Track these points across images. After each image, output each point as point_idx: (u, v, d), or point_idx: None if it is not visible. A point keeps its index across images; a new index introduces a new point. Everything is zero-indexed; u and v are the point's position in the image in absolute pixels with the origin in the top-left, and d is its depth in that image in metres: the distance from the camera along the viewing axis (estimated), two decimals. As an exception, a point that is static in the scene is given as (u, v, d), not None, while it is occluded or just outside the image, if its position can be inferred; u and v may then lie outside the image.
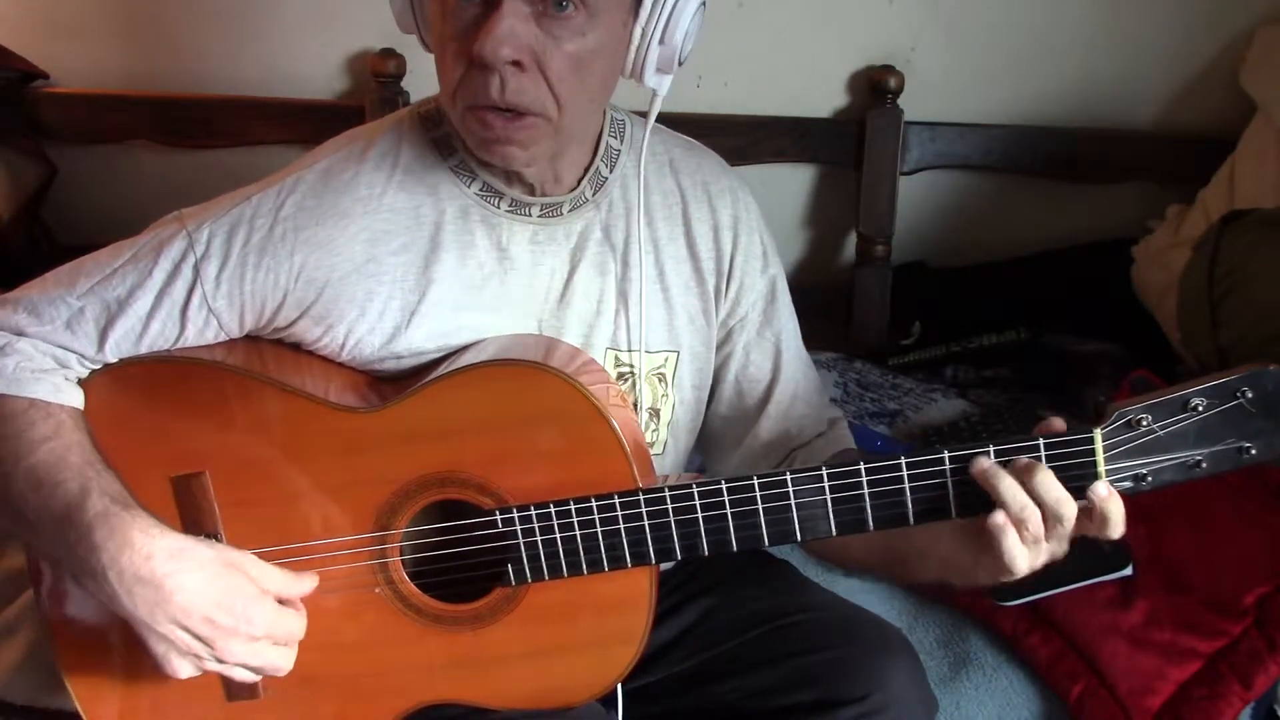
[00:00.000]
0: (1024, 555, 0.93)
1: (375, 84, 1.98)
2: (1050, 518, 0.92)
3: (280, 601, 0.98)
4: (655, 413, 1.14)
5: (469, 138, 1.01)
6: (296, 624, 0.99)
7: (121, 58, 2.11)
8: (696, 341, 1.15)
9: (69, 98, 2.10)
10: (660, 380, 1.13)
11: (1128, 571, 1.38)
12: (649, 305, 1.11)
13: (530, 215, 1.07)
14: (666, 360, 1.13)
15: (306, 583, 1.00)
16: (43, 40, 2.10)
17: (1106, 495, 0.91)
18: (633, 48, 1.00)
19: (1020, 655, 1.36)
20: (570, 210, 1.08)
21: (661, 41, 0.99)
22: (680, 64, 1.02)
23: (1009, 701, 1.33)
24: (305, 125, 2.06)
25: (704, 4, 1.01)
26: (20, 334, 1.01)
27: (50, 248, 2.17)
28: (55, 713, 1.25)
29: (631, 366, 1.11)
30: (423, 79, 1.95)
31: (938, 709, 1.15)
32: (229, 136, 2.07)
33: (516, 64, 0.94)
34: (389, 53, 1.96)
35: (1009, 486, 0.91)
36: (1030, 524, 0.91)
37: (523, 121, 0.96)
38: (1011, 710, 1.33)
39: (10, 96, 2.07)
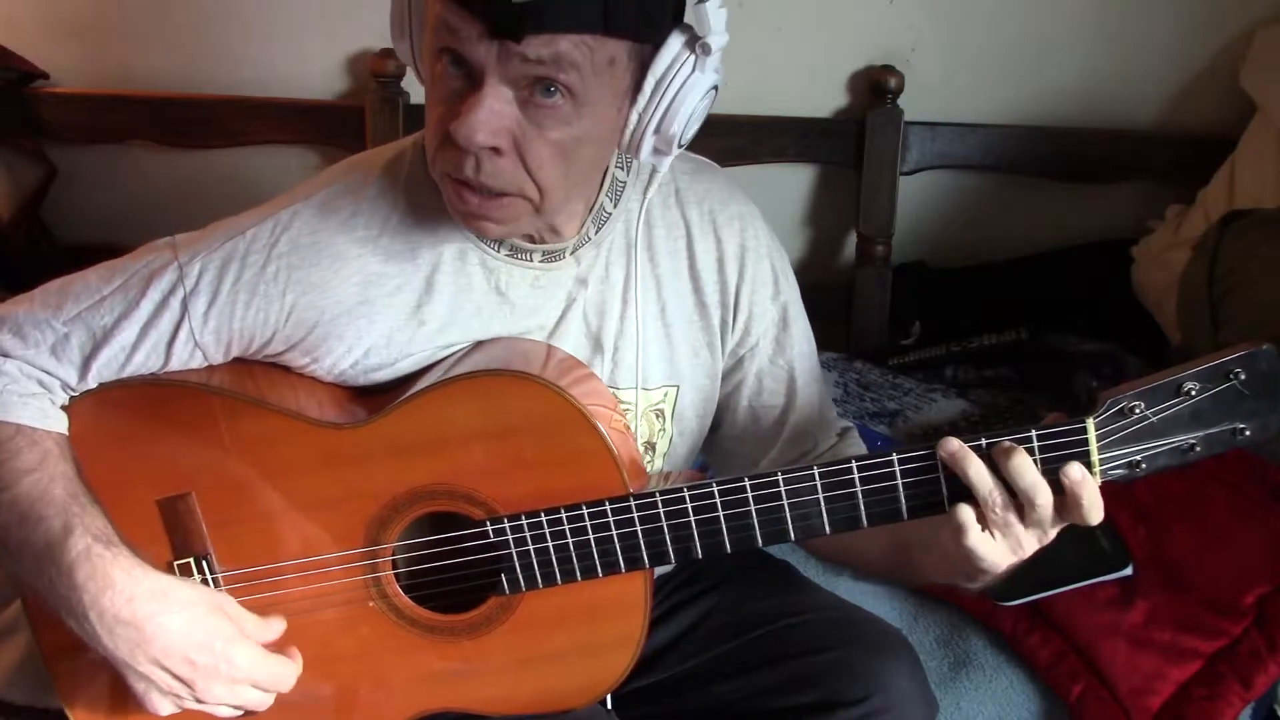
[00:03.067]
0: (992, 548, 0.91)
1: (375, 84, 1.99)
2: (1024, 503, 0.90)
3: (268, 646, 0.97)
4: (650, 446, 1.12)
5: (448, 204, 0.97)
6: (284, 670, 0.97)
7: (121, 58, 2.11)
8: (699, 374, 1.13)
9: (69, 98, 2.11)
10: (658, 416, 1.11)
11: (1128, 571, 1.38)
12: (649, 340, 1.09)
13: (531, 261, 1.04)
14: (665, 395, 1.11)
15: (274, 627, 0.99)
16: (43, 40, 2.10)
17: (1080, 479, 0.89)
18: (628, 131, 0.93)
19: (1020, 655, 1.36)
20: (573, 253, 1.05)
21: (658, 131, 0.93)
22: (681, 147, 0.96)
23: (1009, 701, 1.33)
24: (305, 125, 2.07)
25: (716, 89, 0.94)
26: (5, 355, 0.99)
27: (50, 248, 2.17)
28: (56, 713, 1.25)
29: (628, 404, 1.09)
30: (423, 79, 1.95)
31: (938, 709, 1.15)
32: (229, 136, 2.08)
33: (494, 149, 0.89)
34: (389, 53, 1.96)
35: (976, 469, 0.90)
36: (995, 508, 0.90)
37: (499, 201, 0.92)
38: (1011, 710, 1.33)
39: (10, 96, 2.08)
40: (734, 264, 1.11)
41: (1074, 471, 0.89)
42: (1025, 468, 0.89)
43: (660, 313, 1.09)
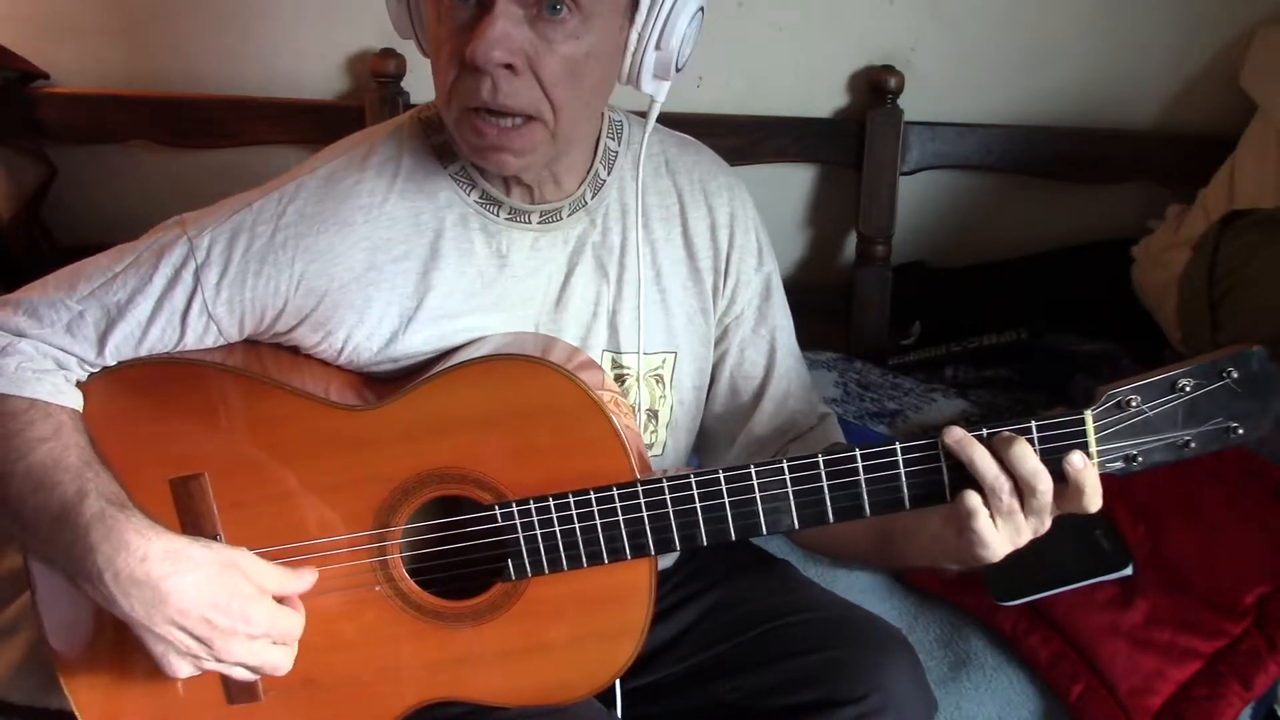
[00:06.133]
0: (996, 535, 0.93)
1: (375, 84, 1.99)
2: (1025, 490, 0.92)
3: (279, 600, 0.98)
4: (654, 414, 1.14)
5: (463, 144, 1.00)
6: (295, 622, 0.98)
7: (121, 58, 2.11)
8: (695, 341, 1.15)
9: (69, 98, 2.11)
10: (658, 381, 1.13)
11: (1128, 571, 1.38)
12: (646, 306, 1.11)
13: (530, 222, 1.07)
14: (664, 361, 1.13)
15: (306, 578, 0.99)
16: (43, 40, 2.10)
17: (1082, 467, 0.92)
18: (628, 53, 0.99)
19: (1020, 655, 1.36)
20: (569, 215, 1.08)
21: (658, 47, 0.98)
22: (679, 69, 1.01)
23: (1009, 701, 1.33)
24: (305, 125, 2.06)
25: (702, 9, 1.00)
26: (21, 335, 1.01)
27: (50, 248, 2.17)
28: (55, 713, 1.25)
29: (629, 369, 1.11)
30: (423, 79, 1.94)
31: (938, 709, 1.15)
32: (229, 136, 2.08)
33: (509, 67, 0.93)
34: (389, 53, 1.97)
35: (981, 456, 0.92)
36: (1002, 495, 0.92)
37: (517, 129, 0.96)
38: (1011, 710, 1.33)
39: (10, 96, 2.08)
40: (725, 231, 1.14)
41: (1076, 460, 0.92)
42: (1026, 455, 0.91)
43: (656, 278, 1.12)
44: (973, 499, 0.92)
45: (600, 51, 0.97)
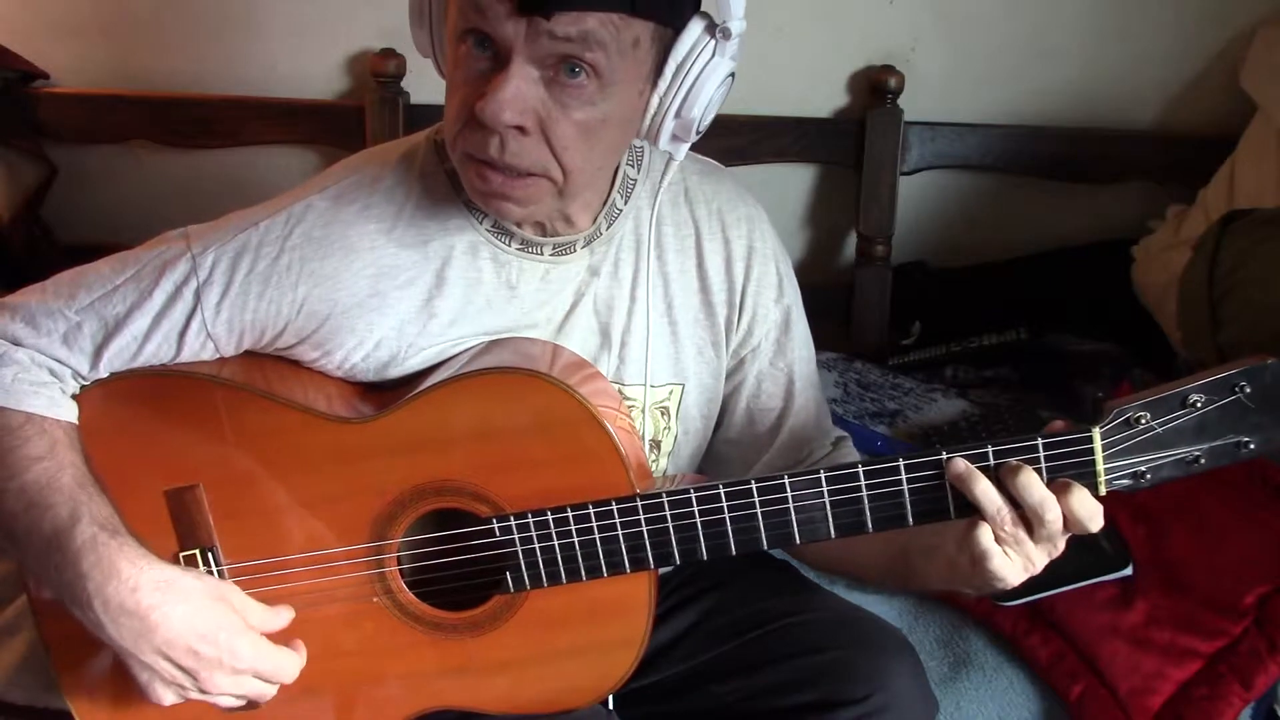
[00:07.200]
0: (1010, 567, 0.92)
1: (375, 84, 1.98)
2: (1033, 519, 0.91)
3: (271, 638, 0.97)
4: (656, 444, 1.13)
5: (466, 185, 0.98)
6: (287, 661, 0.98)
7: (121, 58, 2.11)
8: (705, 374, 1.13)
9: (69, 98, 2.10)
10: (663, 413, 1.12)
11: (1128, 571, 1.38)
12: (655, 337, 1.10)
13: (542, 254, 1.05)
14: (671, 393, 1.12)
15: (284, 615, 0.99)
16: (42, 40, 2.10)
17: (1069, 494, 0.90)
18: (648, 116, 0.96)
19: (1020, 655, 1.36)
20: (583, 247, 1.06)
21: (678, 115, 0.96)
22: (699, 134, 0.98)
23: (1009, 701, 1.33)
24: (305, 125, 2.06)
25: (732, 75, 0.96)
26: (17, 344, 1.00)
27: (50, 248, 2.17)
28: (55, 713, 1.25)
29: (633, 400, 1.10)
30: (423, 79, 1.95)
31: (938, 709, 1.15)
32: (228, 136, 2.07)
33: (519, 128, 0.90)
34: (389, 53, 1.97)
35: (984, 491, 0.91)
36: (1005, 526, 0.91)
37: (524, 180, 0.93)
38: (1011, 710, 1.33)
39: (10, 96, 2.07)
40: (741, 264, 1.12)
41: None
42: (1032, 485, 0.90)
43: (667, 310, 1.10)
44: (986, 540, 0.92)
45: (617, 117, 0.94)
